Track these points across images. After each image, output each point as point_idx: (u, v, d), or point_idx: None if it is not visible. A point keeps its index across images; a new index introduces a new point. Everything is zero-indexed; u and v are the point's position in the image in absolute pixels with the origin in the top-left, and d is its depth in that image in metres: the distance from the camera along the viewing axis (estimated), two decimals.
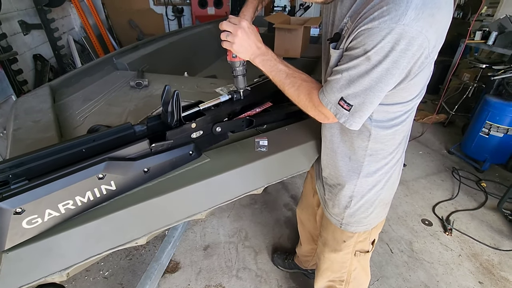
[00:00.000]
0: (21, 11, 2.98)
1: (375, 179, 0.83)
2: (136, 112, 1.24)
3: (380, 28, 0.54)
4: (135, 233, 0.68)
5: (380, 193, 0.86)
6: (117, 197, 0.67)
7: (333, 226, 0.96)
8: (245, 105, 0.96)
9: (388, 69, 0.58)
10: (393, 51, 0.55)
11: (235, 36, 0.75)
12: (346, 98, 0.64)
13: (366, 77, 0.60)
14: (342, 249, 0.99)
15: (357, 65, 0.60)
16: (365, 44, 0.57)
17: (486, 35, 3.47)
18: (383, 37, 0.54)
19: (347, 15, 0.66)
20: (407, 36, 0.53)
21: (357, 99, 0.63)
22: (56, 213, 0.58)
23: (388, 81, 0.60)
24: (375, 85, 0.60)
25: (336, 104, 0.67)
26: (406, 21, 0.52)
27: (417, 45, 0.55)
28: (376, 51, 0.56)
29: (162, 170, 0.75)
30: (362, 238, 0.96)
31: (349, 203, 0.87)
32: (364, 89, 0.61)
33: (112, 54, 1.93)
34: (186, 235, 1.89)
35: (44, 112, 1.10)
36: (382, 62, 0.57)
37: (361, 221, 0.90)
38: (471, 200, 2.30)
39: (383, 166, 0.81)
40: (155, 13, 5.92)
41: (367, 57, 0.57)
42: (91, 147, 0.73)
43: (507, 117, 2.39)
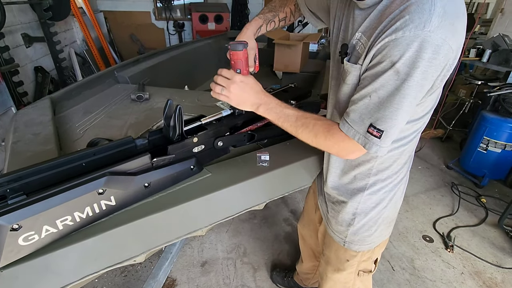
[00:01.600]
0: (25, 24, 3.03)
1: (379, 197, 0.81)
2: (137, 125, 1.24)
3: (405, 37, 0.52)
4: (134, 250, 0.66)
5: (383, 211, 0.84)
6: (117, 212, 0.66)
7: (336, 244, 0.93)
8: (247, 119, 0.96)
9: (418, 81, 0.54)
10: (421, 60, 0.52)
11: (230, 92, 0.72)
12: (376, 124, 0.59)
13: (397, 95, 0.56)
14: (345, 268, 0.95)
15: (385, 82, 0.56)
16: (391, 56, 0.54)
17: (480, 53, 3.56)
18: (410, 45, 0.52)
19: (359, 30, 0.64)
20: (433, 44, 0.51)
21: (388, 122, 0.58)
22: (53, 229, 0.56)
23: (417, 94, 0.57)
24: (406, 102, 0.56)
25: (365, 133, 0.61)
26: (431, 28, 0.51)
27: (443, 54, 0.53)
28: (404, 61, 0.53)
29: (163, 185, 0.74)
30: (365, 257, 0.93)
31: (352, 220, 0.84)
32: (395, 109, 0.57)
33: (113, 68, 1.95)
34: (183, 251, 1.85)
35: (44, 125, 1.09)
36: (411, 74, 0.54)
37: (365, 240, 0.88)
38: (472, 216, 2.28)
39: (388, 185, 0.80)
40: (156, 27, 6.04)
41: (395, 70, 0.54)
42: (92, 161, 0.72)
43: (504, 132, 2.41)
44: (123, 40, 5.72)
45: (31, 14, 3.12)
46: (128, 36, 5.76)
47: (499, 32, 3.70)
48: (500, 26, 4.12)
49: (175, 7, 6.00)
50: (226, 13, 5.63)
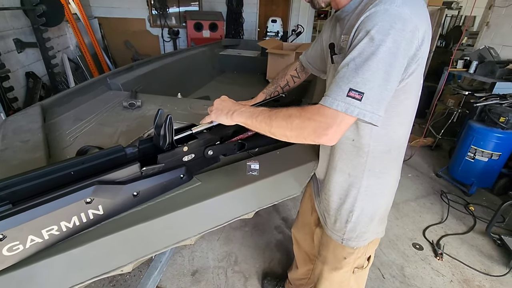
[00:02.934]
0: (17, 30, 3.02)
1: (373, 193, 0.85)
2: (128, 133, 1.24)
3: (377, 11, 0.60)
4: (121, 260, 0.65)
5: (377, 207, 0.88)
6: (104, 222, 0.66)
7: (334, 243, 0.96)
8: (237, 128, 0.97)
9: (391, 48, 0.59)
10: (392, 29, 0.59)
11: (212, 112, 0.84)
12: (355, 87, 0.60)
13: (373, 59, 0.60)
14: (342, 266, 0.99)
15: (362, 50, 0.61)
16: (366, 27, 0.61)
17: (468, 64, 3.67)
18: (382, 16, 0.60)
19: (343, 33, 0.73)
20: (401, 17, 0.59)
21: (368, 85, 0.60)
22: (39, 239, 0.56)
23: (392, 61, 0.60)
24: (382, 66, 0.60)
25: (344, 99, 0.61)
26: (398, 4, 0.60)
27: (410, 28, 0.60)
28: (377, 29, 0.60)
29: (152, 194, 0.74)
30: (360, 254, 0.97)
31: (350, 217, 0.88)
32: (373, 72, 0.60)
33: (106, 74, 1.95)
34: (174, 259, 1.83)
35: (33, 132, 1.08)
36: (384, 40, 0.59)
37: (361, 236, 0.91)
38: (460, 224, 2.32)
39: (381, 181, 0.84)
40: (151, 34, 6.07)
41: (370, 37, 0.60)
42: (80, 169, 0.72)
43: (491, 142, 2.48)
44: (118, 47, 5.72)
45: (24, 19, 3.12)
46: (123, 43, 5.77)
47: (485, 44, 3.83)
48: (486, 38, 4.27)
49: (170, 14, 6.06)
50: (221, 21, 5.70)
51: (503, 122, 2.36)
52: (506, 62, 3.40)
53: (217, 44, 4.05)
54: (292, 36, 6.17)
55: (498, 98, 2.62)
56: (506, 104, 2.51)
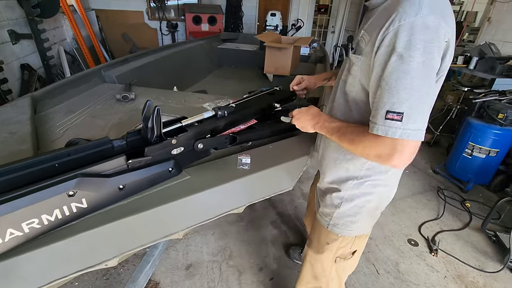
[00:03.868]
0: (12, 21, 2.97)
1: (366, 189, 0.86)
2: (119, 126, 1.22)
3: (401, 25, 0.59)
4: (106, 254, 0.64)
5: (368, 202, 0.89)
6: (88, 215, 0.64)
7: (320, 227, 0.98)
8: (229, 122, 0.95)
9: (424, 62, 0.58)
10: (420, 43, 0.58)
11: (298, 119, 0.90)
12: (392, 109, 0.60)
13: (406, 78, 0.59)
14: (324, 251, 1.00)
15: (392, 69, 0.60)
16: (394, 44, 0.59)
17: (468, 60, 3.64)
18: (408, 31, 0.58)
19: (363, 29, 0.72)
20: (429, 28, 0.58)
21: (405, 103, 0.59)
22: (19, 232, 0.55)
23: (427, 71, 0.59)
24: (419, 83, 0.59)
25: (383, 122, 0.61)
26: (424, 14, 0.58)
27: (441, 34, 0.59)
28: (405, 46, 0.58)
29: (139, 187, 0.73)
30: (344, 243, 0.98)
31: (339, 204, 0.90)
32: (409, 90, 0.59)
33: (100, 66, 1.92)
34: (168, 253, 1.83)
35: (22, 124, 1.06)
36: (414, 56, 0.58)
37: (347, 225, 0.92)
38: (456, 220, 2.32)
39: (376, 180, 0.85)
40: (149, 27, 6.00)
41: (398, 55, 0.59)
42: (65, 162, 0.70)
43: (489, 138, 2.46)
44: (115, 39, 5.66)
45: (19, 10, 3.07)
46: (121, 35, 5.70)
47: (486, 40, 3.79)
48: (487, 34, 4.23)
49: (169, 7, 5.98)
50: (220, 14, 5.63)
51: (502, 119, 2.35)
52: (507, 58, 3.36)
53: (215, 37, 4.01)
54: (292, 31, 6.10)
55: (497, 94, 2.60)
56: (505, 101, 2.49)
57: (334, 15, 6.91)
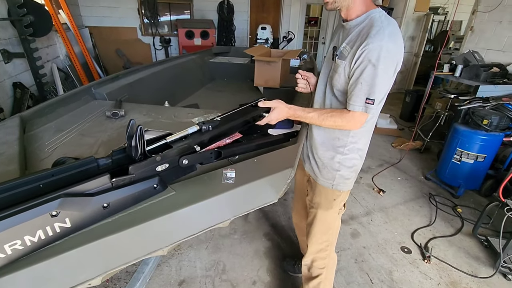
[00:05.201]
0: (4, 41, 3.01)
1: (353, 151, 1.18)
2: (108, 143, 1.24)
3: (374, 47, 0.93)
4: (89, 273, 0.65)
5: (356, 162, 1.21)
6: (72, 235, 0.65)
7: (326, 189, 1.26)
8: (214, 135, 0.98)
9: (385, 69, 0.95)
10: (384, 58, 0.93)
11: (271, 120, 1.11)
12: (369, 96, 0.98)
13: (377, 79, 0.95)
14: (333, 206, 1.28)
15: (369, 73, 0.95)
16: (368, 58, 0.94)
17: (453, 68, 3.74)
18: (377, 50, 0.93)
19: (345, 42, 1.05)
20: (389, 49, 0.94)
21: (376, 93, 0.97)
22: (1, 254, 0.55)
23: (385, 74, 0.96)
24: (381, 80, 0.96)
25: (364, 104, 0.99)
26: (386, 40, 0.93)
27: (393, 53, 0.95)
28: (376, 58, 0.93)
29: (123, 205, 0.74)
30: (343, 197, 1.29)
31: (338, 168, 1.21)
32: (378, 86, 0.96)
33: (91, 84, 1.94)
34: (160, 269, 1.81)
35: (10, 144, 1.07)
36: (380, 65, 0.94)
37: (345, 183, 1.24)
38: (448, 226, 2.34)
39: (359, 143, 1.17)
40: (142, 43, 6.08)
41: (373, 64, 0.94)
42: (50, 182, 0.71)
43: (476, 144, 2.52)
44: (109, 55, 5.72)
45: (11, 30, 3.11)
46: (114, 51, 5.77)
47: (470, 48, 3.92)
48: (471, 43, 4.36)
49: (162, 23, 6.09)
50: (212, 29, 5.75)
51: (487, 125, 2.41)
52: (490, 65, 3.47)
53: (207, 51, 4.08)
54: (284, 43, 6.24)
55: (481, 101, 2.68)
56: (489, 107, 2.56)
57: (324, 27, 7.09)
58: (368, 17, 1.00)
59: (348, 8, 1.04)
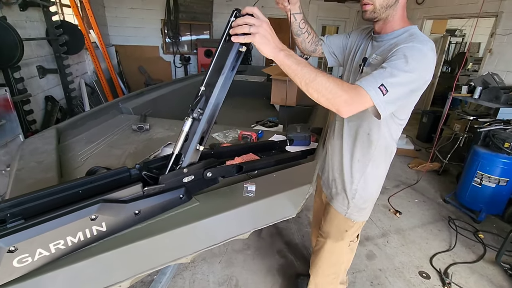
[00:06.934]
0: (41, 58, 3.26)
1: (373, 178, 1.12)
2: (135, 155, 1.31)
3: (414, 45, 0.83)
4: (120, 276, 0.69)
5: (375, 190, 1.15)
6: (106, 238, 0.70)
7: (338, 218, 1.19)
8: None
9: (416, 78, 0.82)
10: (421, 63, 0.82)
11: (258, 29, 0.74)
12: (386, 84, 0.78)
13: (404, 75, 0.80)
14: (344, 238, 1.21)
15: (397, 63, 0.80)
16: (405, 52, 0.81)
17: (472, 89, 3.70)
18: (416, 50, 0.82)
19: (376, 53, 0.98)
20: (428, 56, 0.84)
21: (393, 88, 0.79)
22: (46, 252, 0.61)
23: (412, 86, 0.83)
24: (406, 84, 0.81)
25: (376, 88, 0.78)
26: (428, 48, 0.84)
27: (430, 69, 0.85)
28: (413, 57, 0.80)
29: (152, 212, 0.79)
30: (356, 228, 1.22)
31: (354, 195, 1.14)
32: (400, 82, 0.79)
33: (118, 99, 2.07)
34: (174, 281, 1.83)
35: (48, 153, 1.16)
36: (415, 69, 0.80)
37: (360, 212, 1.17)
38: (469, 252, 2.24)
39: (378, 170, 1.11)
40: (164, 60, 6.39)
41: (406, 60, 0.80)
42: (88, 188, 0.78)
43: (497, 167, 2.45)
44: (132, 72, 6.03)
45: (48, 48, 3.37)
46: (137, 68, 6.08)
47: (488, 70, 3.89)
48: (490, 65, 4.33)
49: (183, 42, 6.40)
50: None
51: (508, 148, 2.35)
52: (510, 88, 3.42)
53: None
54: None
55: (502, 123, 2.63)
56: (510, 130, 2.51)
57: None
58: (407, 31, 0.92)
59: (386, 21, 0.95)
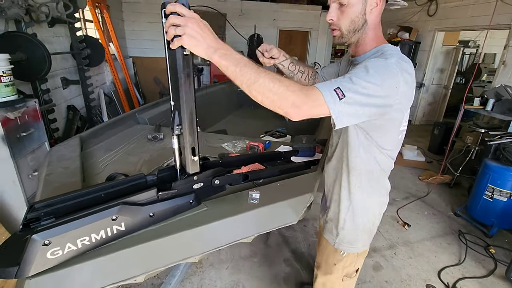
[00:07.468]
0: (65, 70, 3.48)
1: (363, 206, 1.02)
2: (150, 162, 1.42)
3: (378, 59, 0.78)
4: (136, 271, 0.77)
5: (367, 219, 1.05)
6: (124, 237, 0.79)
7: (328, 248, 1.12)
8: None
9: (380, 76, 0.74)
10: (383, 73, 0.75)
11: (185, 28, 0.66)
12: (342, 88, 0.72)
13: (365, 82, 0.72)
14: (332, 272, 1.13)
15: (356, 71, 0.75)
16: (365, 64, 0.76)
17: (485, 102, 3.67)
18: (378, 62, 0.77)
19: None
20: (391, 70, 0.76)
21: (352, 94, 0.71)
22: (74, 247, 0.70)
23: (373, 96, 0.73)
24: (365, 93, 0.72)
25: (331, 90, 0.72)
26: (392, 61, 0.77)
27: (394, 81, 0.75)
28: (373, 66, 0.75)
29: (165, 215, 0.87)
30: (349, 262, 1.11)
31: (343, 224, 1.05)
32: (358, 89, 0.72)
33: (135, 110, 2.21)
34: (183, 285, 1.89)
35: (73, 160, 1.28)
36: (374, 71, 0.74)
37: (351, 243, 1.07)
38: (479, 266, 2.21)
39: (369, 197, 1.01)
40: None
41: (365, 67, 0.75)
42: (109, 192, 0.87)
43: (508, 181, 2.42)
44: (147, 82, 6.28)
45: (71, 61, 3.60)
46: (152, 79, 6.33)
47: (502, 83, 3.85)
48: (504, 77, 4.29)
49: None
50: None
51: None
52: None
53: None
54: None
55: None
56: None
57: None
58: (379, 51, 0.86)
59: (357, 44, 0.90)
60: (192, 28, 0.66)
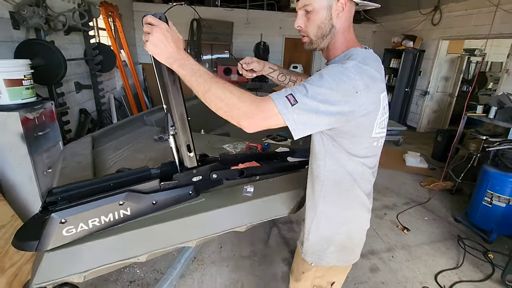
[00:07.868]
0: (78, 75, 3.67)
1: (329, 219, 0.95)
2: (155, 160, 1.52)
3: (335, 65, 0.76)
4: (139, 251, 0.86)
5: (336, 232, 0.95)
6: (130, 221, 0.89)
7: (299, 256, 1.05)
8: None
9: (335, 80, 0.71)
10: (339, 72, 0.73)
11: (150, 34, 0.73)
12: (295, 95, 0.70)
13: (318, 88, 0.71)
14: (301, 279, 1.06)
15: (311, 78, 0.74)
16: (322, 71, 0.75)
17: (487, 109, 3.70)
18: (334, 67, 0.75)
19: None
20: (348, 75, 0.73)
21: (305, 99, 0.70)
22: (86, 227, 0.80)
23: (337, 105, 0.71)
24: (322, 99, 0.70)
25: (283, 97, 0.70)
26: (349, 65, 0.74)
27: (352, 85, 0.72)
28: (328, 71, 0.74)
29: (166, 203, 0.97)
30: (320, 274, 1.03)
31: (308, 235, 0.98)
32: (315, 94, 0.70)
33: (143, 113, 2.33)
34: (184, 280, 1.98)
35: (85, 156, 1.40)
36: (329, 75, 0.72)
37: (318, 255, 0.98)
38: (477, 271, 2.23)
39: (337, 209, 0.93)
40: None
41: (320, 74, 0.74)
42: (117, 182, 0.98)
43: (507, 187, 2.45)
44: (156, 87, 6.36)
45: (84, 66, 3.79)
46: None
47: (504, 91, 3.87)
48: (508, 85, 4.30)
49: (204, 61, 6.82)
50: None
51: None
52: None
53: (242, 86, 4.47)
54: None
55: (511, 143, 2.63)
56: None
57: None
58: (346, 55, 0.83)
59: (328, 49, 0.89)
60: (155, 36, 0.73)
